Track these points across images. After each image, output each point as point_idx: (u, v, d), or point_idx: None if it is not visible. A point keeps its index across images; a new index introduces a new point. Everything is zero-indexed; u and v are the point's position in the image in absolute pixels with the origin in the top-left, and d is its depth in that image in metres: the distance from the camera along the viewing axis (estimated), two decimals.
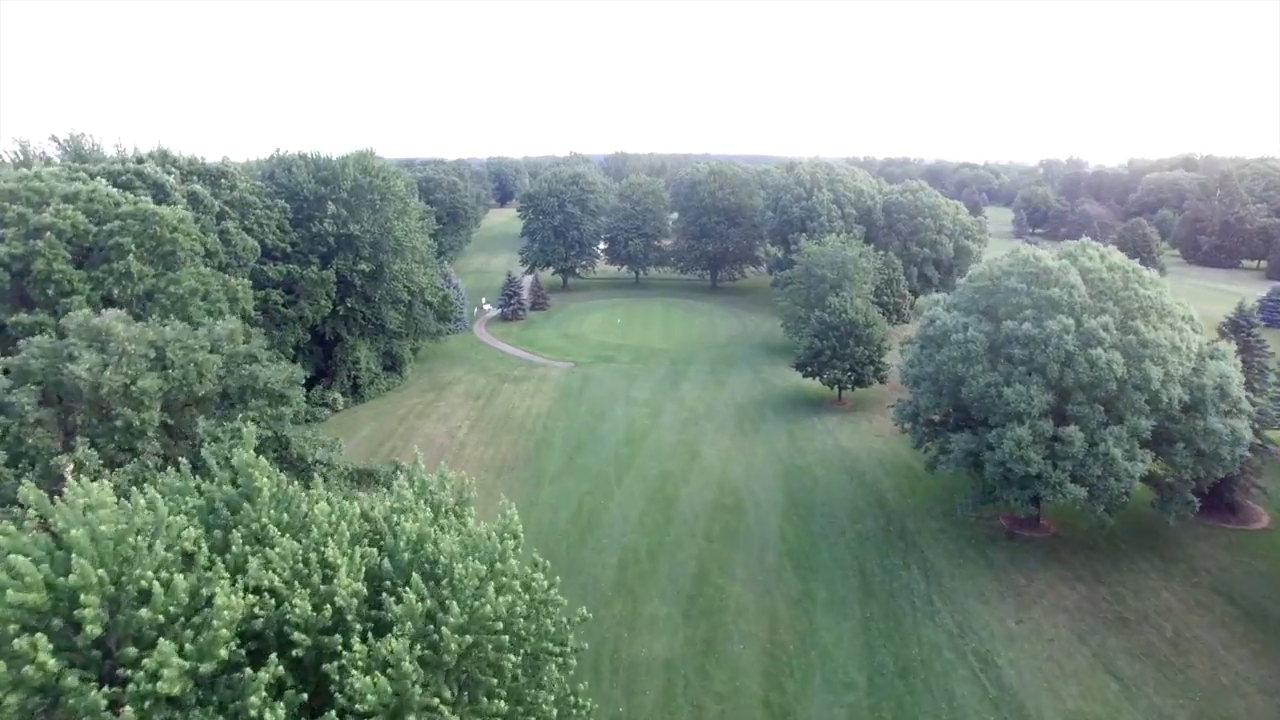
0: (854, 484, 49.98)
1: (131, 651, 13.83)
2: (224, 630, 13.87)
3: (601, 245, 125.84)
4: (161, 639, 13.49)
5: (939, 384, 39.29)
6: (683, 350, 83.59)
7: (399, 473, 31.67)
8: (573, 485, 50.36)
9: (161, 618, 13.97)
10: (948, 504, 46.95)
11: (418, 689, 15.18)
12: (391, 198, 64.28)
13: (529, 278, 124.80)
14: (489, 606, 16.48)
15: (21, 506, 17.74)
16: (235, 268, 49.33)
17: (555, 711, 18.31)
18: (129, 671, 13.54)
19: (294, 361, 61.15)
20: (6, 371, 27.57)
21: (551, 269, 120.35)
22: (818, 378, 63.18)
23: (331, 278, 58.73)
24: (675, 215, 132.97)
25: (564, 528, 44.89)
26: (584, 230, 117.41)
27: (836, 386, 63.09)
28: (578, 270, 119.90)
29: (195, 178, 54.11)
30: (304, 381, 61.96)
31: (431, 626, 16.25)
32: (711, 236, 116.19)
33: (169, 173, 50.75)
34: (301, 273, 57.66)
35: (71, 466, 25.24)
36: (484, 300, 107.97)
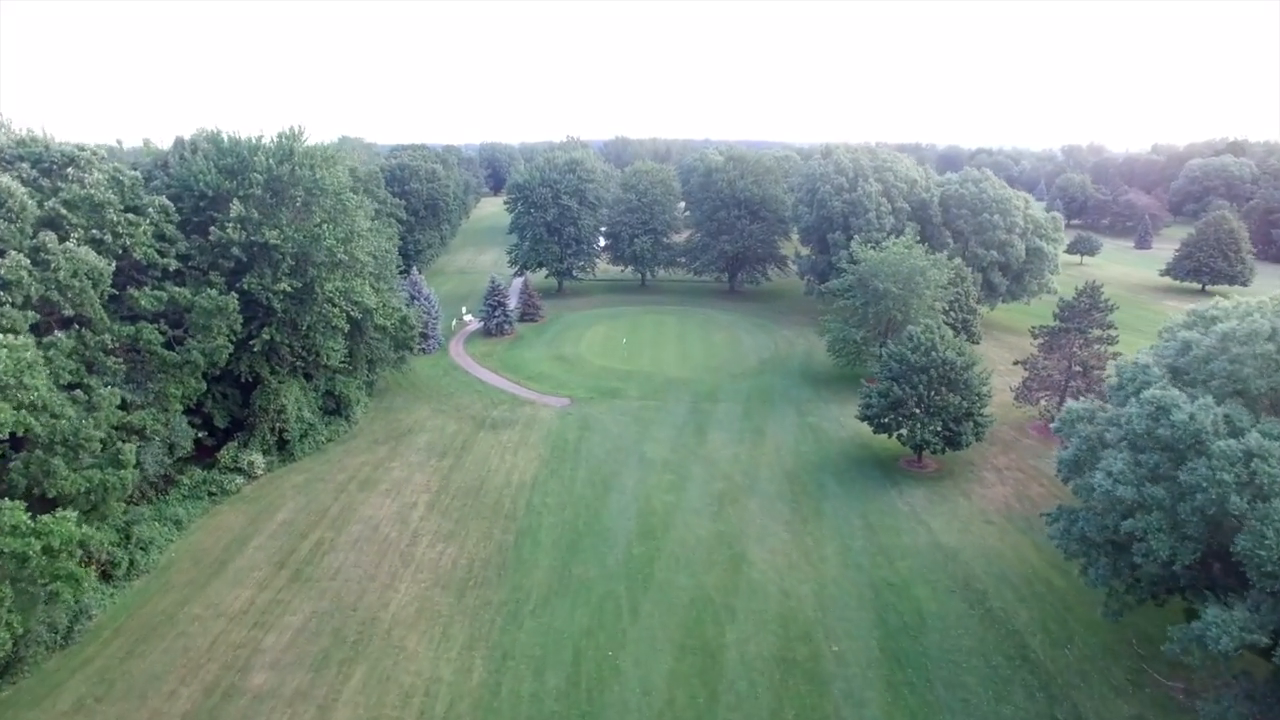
0: (978, 619, 34.20)
1: None
2: None
3: (601, 242, 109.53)
4: None
5: (1177, 519, 23.36)
6: (705, 379, 67.55)
7: None
8: (566, 619, 34.55)
9: None
10: (1129, 660, 31.31)
11: None
12: (321, 193, 47.91)
13: (519, 280, 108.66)
14: None
15: None
16: (62, 301, 33.17)
17: None
18: None
19: (189, 414, 45.48)
20: None
21: (544, 271, 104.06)
22: (894, 434, 47.30)
23: (233, 304, 42.54)
24: (682, 205, 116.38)
25: (552, 712, 29.11)
26: (582, 226, 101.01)
27: (920, 448, 47.07)
28: (575, 272, 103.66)
29: (27, 165, 37.83)
30: (201, 439, 47.24)
31: None
32: (730, 233, 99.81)
33: None
34: (191, 298, 41.48)
35: None
36: (464, 310, 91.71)
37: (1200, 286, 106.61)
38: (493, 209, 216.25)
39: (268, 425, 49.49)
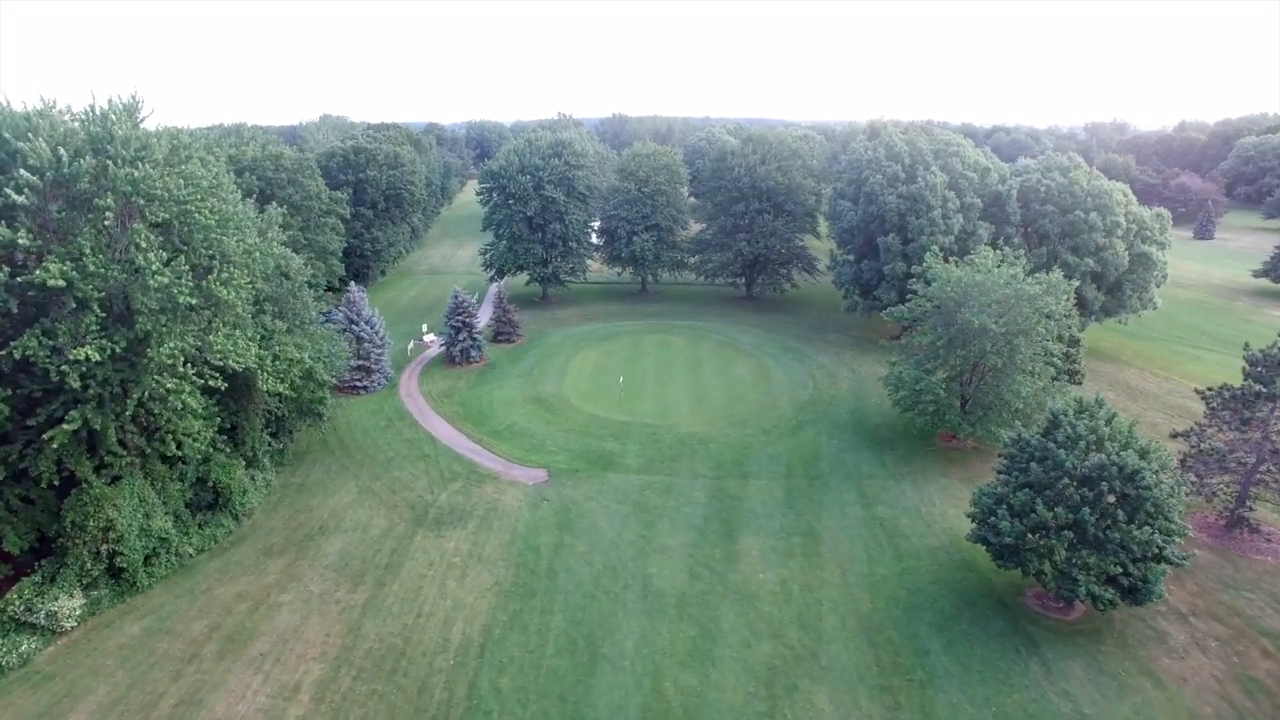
0: None
1: None
2: None
3: (594, 237, 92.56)
4: None
5: None
6: (728, 436, 51.18)
7: None
8: None
9: None
10: None
11: None
12: (152, 202, 30.99)
13: (494, 286, 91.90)
14: None
15: None
16: None
17: None
18: None
19: None
20: None
21: (526, 275, 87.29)
22: (1032, 573, 30.95)
23: None
24: (684, 191, 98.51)
25: None
26: (570, 222, 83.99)
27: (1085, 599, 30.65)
28: (562, 276, 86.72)
29: None
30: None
31: None
32: (749, 231, 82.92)
33: None
34: None
35: None
36: (424, 329, 75.03)
37: None
38: None
39: (88, 549, 33.13)
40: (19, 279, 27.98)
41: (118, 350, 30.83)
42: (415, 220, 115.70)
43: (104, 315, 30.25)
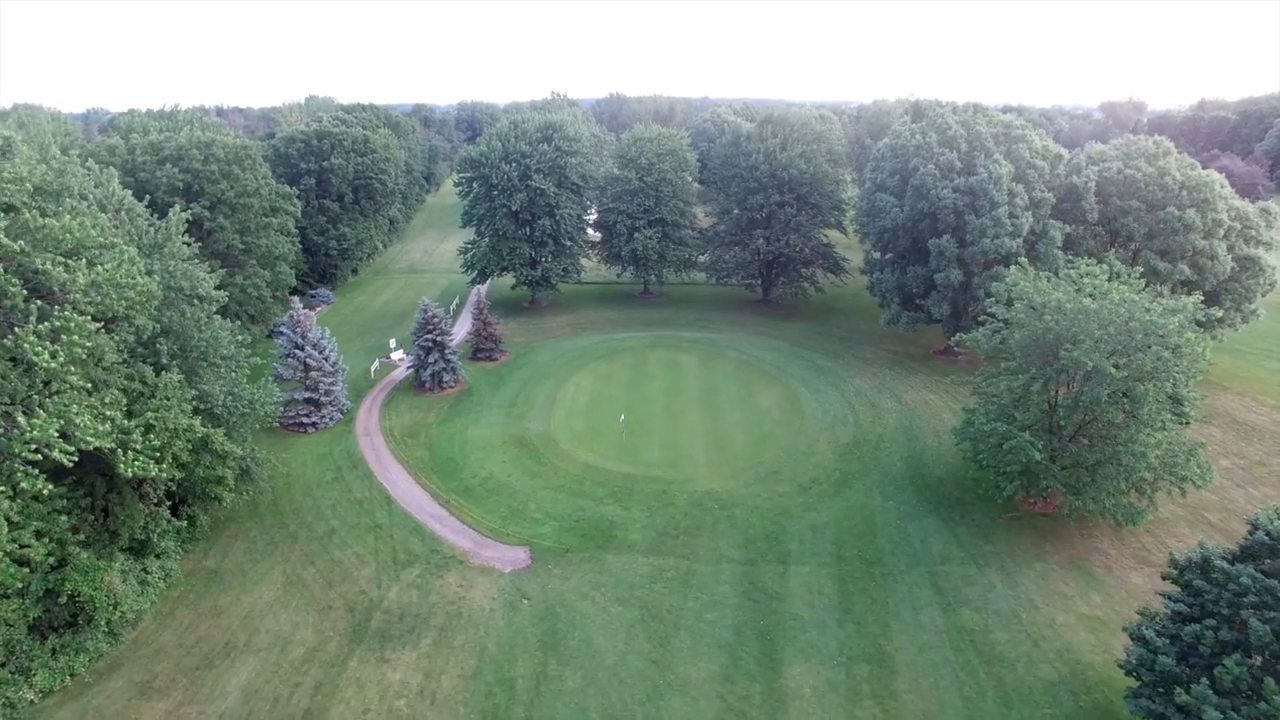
0: None
1: None
2: None
3: (590, 232, 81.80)
4: None
5: None
6: (757, 497, 40.87)
7: None
8: None
9: None
10: None
11: None
12: None
13: (476, 290, 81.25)
14: None
15: None
16: None
17: None
18: None
19: None
20: None
21: (512, 278, 76.64)
22: None
23: None
24: (688, 177, 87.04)
25: None
26: (561, 217, 73.11)
27: None
28: (553, 279, 75.97)
29: None
30: None
31: None
32: (768, 226, 72.20)
33: None
34: None
35: None
36: (393, 345, 64.37)
37: None
38: None
39: None
40: None
41: None
42: (394, 211, 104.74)
43: None
